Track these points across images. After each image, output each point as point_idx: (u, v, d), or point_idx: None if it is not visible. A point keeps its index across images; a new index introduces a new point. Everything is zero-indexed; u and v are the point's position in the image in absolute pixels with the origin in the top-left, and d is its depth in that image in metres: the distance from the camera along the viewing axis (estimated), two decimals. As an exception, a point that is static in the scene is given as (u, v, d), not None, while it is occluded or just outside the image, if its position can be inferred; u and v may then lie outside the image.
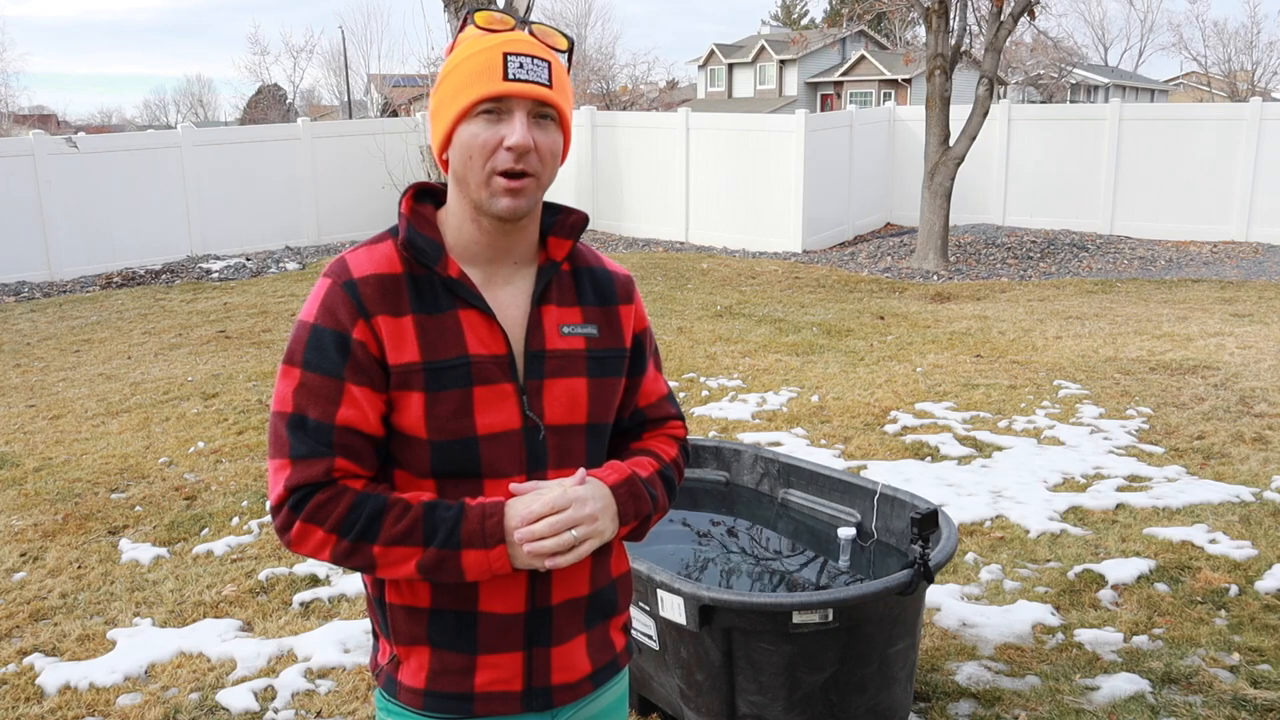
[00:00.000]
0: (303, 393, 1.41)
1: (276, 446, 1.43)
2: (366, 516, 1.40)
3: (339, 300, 1.42)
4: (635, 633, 3.10)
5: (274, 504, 1.43)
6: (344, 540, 1.40)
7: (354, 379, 1.41)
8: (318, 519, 1.40)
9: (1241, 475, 5.40)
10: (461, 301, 1.45)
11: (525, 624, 1.50)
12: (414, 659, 1.51)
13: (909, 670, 3.07)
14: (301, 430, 1.41)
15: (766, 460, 3.79)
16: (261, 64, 72.43)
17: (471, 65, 1.40)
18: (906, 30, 40.24)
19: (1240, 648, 3.68)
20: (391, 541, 1.40)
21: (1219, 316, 9.39)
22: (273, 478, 1.43)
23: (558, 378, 1.49)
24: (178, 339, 9.23)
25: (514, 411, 1.46)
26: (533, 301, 1.50)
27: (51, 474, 5.80)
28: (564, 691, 1.55)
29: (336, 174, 15.03)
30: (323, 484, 1.41)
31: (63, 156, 12.57)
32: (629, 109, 28.21)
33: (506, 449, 1.46)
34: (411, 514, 1.40)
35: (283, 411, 1.43)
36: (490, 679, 1.50)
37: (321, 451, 1.41)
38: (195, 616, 4.13)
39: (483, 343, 1.45)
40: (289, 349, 1.44)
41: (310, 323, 1.43)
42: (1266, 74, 42.54)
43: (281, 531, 1.43)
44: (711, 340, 8.72)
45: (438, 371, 1.42)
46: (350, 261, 1.45)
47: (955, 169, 12.32)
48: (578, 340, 1.52)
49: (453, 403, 1.42)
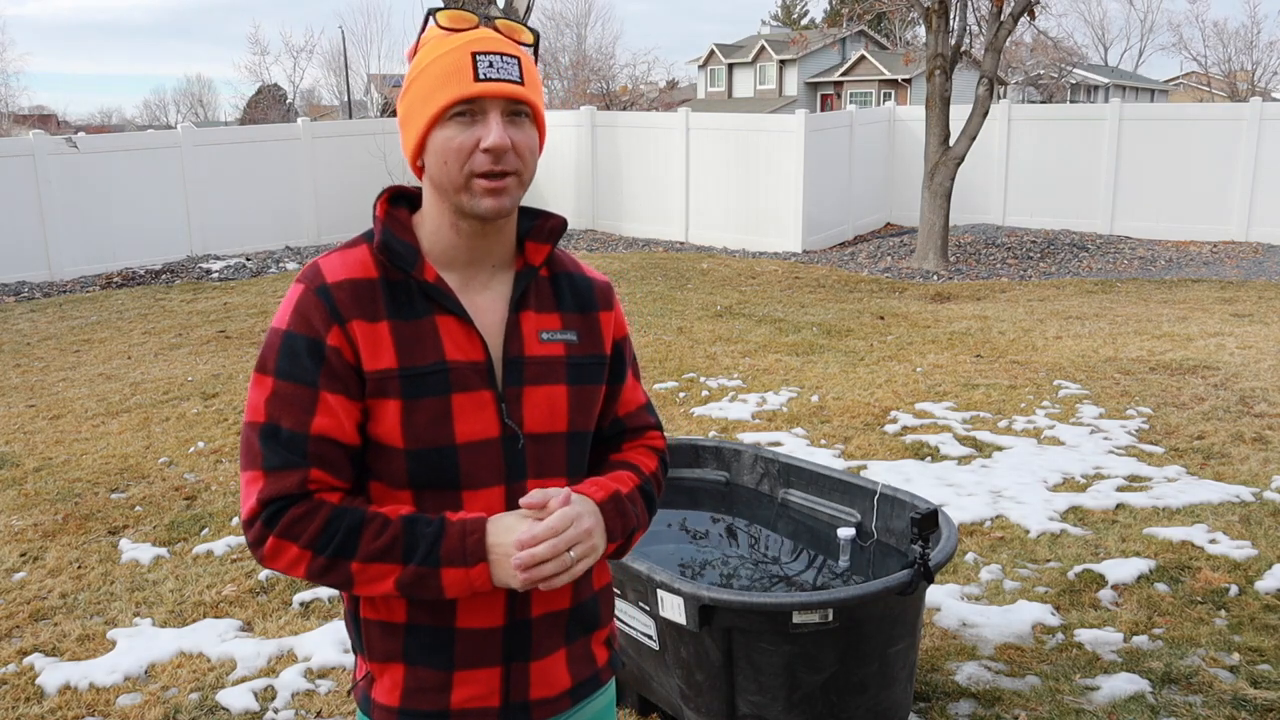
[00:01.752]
0: (275, 401, 1.37)
1: (249, 458, 1.37)
2: (344, 531, 1.35)
3: (312, 306, 1.38)
4: (635, 633, 3.10)
5: (246, 518, 1.37)
6: (320, 556, 1.35)
7: (329, 386, 1.37)
8: (292, 534, 1.35)
9: (1241, 475, 5.40)
10: (438, 307, 1.42)
11: (503, 638, 1.46)
12: (388, 676, 1.46)
13: (909, 670, 3.07)
14: (275, 440, 1.36)
15: (766, 460, 3.79)
16: (261, 64, 72.42)
17: (439, 67, 1.36)
18: (906, 30, 40.25)
19: (1240, 648, 3.68)
20: (370, 558, 1.35)
21: (1219, 316, 9.39)
22: (244, 490, 1.38)
23: (537, 385, 1.46)
24: (178, 339, 9.23)
25: (492, 419, 1.42)
26: (511, 307, 1.46)
27: (51, 474, 5.80)
28: (542, 707, 1.51)
29: (336, 174, 15.03)
30: (297, 497, 1.36)
31: (63, 156, 12.58)
32: (629, 109, 28.19)
33: (485, 458, 1.42)
34: (390, 529, 1.36)
35: (255, 421, 1.38)
36: (467, 695, 1.46)
37: (296, 462, 1.36)
38: (195, 616, 4.13)
39: (460, 349, 1.41)
40: (261, 357, 1.40)
41: (283, 329, 1.38)
42: (1266, 74, 42.55)
43: (255, 546, 1.37)
44: (711, 340, 8.72)
45: (415, 378, 1.38)
46: (324, 267, 1.41)
47: (955, 169, 12.32)
48: (557, 347, 1.49)
49: (430, 410, 1.39)
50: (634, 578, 2.94)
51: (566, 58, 36.05)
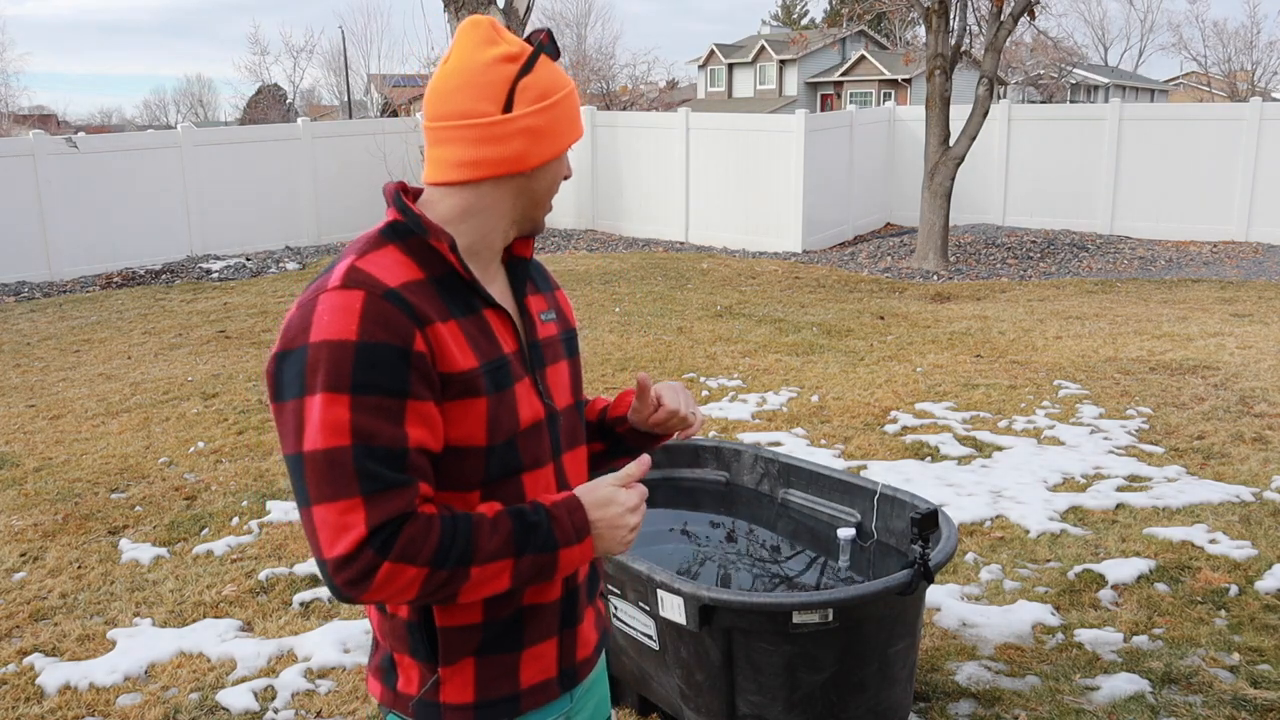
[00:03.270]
0: (363, 418, 1.28)
1: (336, 486, 1.27)
2: (462, 539, 1.32)
3: (388, 312, 1.32)
4: (635, 633, 3.10)
5: (346, 553, 1.26)
6: (440, 571, 1.30)
7: (419, 394, 1.33)
8: (408, 555, 1.28)
9: (1241, 475, 5.40)
10: (484, 302, 1.46)
11: (560, 609, 1.53)
12: (458, 676, 1.46)
13: (909, 670, 3.07)
14: (371, 460, 1.28)
15: (766, 460, 3.79)
16: (261, 64, 72.49)
17: (570, 105, 1.49)
18: (906, 30, 40.23)
19: (1240, 648, 3.68)
20: (489, 558, 1.33)
21: (1219, 316, 9.39)
22: (335, 523, 1.27)
23: (553, 364, 1.57)
24: (178, 339, 9.23)
25: (537, 402, 1.50)
26: (516, 296, 1.55)
27: (51, 474, 5.80)
28: (584, 666, 1.59)
29: (336, 174, 15.03)
30: (410, 515, 1.30)
31: (63, 156, 12.57)
32: (629, 109, 28.20)
33: (538, 440, 1.49)
34: (503, 526, 1.35)
35: (338, 445, 1.27)
36: (533, 671, 1.51)
37: (401, 481, 1.29)
38: (195, 616, 4.13)
39: (507, 340, 1.48)
40: (322, 375, 1.29)
41: (353, 340, 1.29)
42: (1266, 74, 42.57)
43: (358, 582, 1.27)
44: (711, 340, 8.72)
45: (493, 373, 1.42)
46: (374, 270, 1.36)
47: (955, 169, 12.32)
48: (552, 326, 1.60)
49: (507, 404, 1.44)
50: (634, 578, 2.94)
51: (566, 58, 36.04)
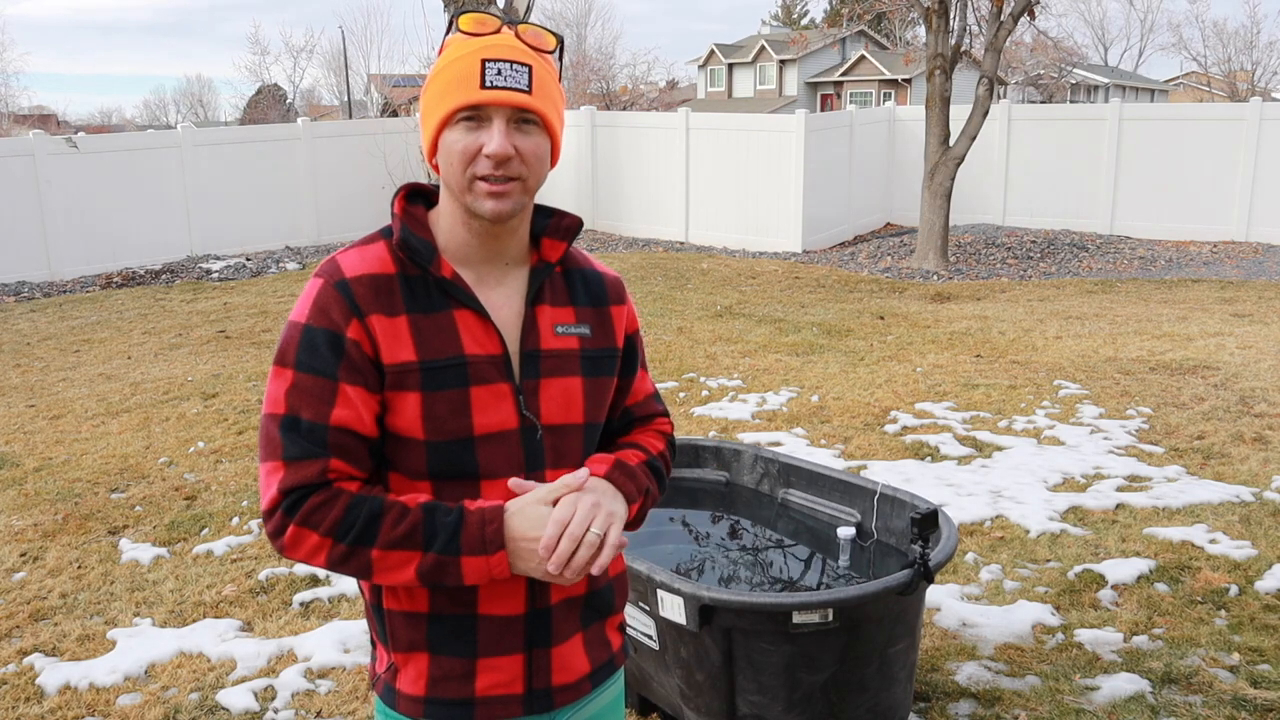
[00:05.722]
0: (295, 393, 1.40)
1: (269, 449, 1.41)
2: (364, 519, 1.38)
3: (332, 300, 1.41)
4: (635, 633, 3.10)
5: (267, 508, 1.40)
6: (340, 544, 1.38)
7: (348, 379, 1.40)
8: (312, 522, 1.38)
9: (1241, 475, 5.40)
10: (456, 302, 1.46)
11: (525, 625, 1.50)
12: (412, 666, 1.49)
13: (909, 670, 3.07)
14: (295, 431, 1.39)
15: (766, 460, 3.79)
16: (261, 64, 72.56)
17: (452, 72, 1.41)
18: (906, 30, 40.23)
19: (1240, 648, 3.68)
20: (390, 545, 1.38)
21: (1219, 316, 9.39)
22: (264, 481, 1.41)
23: (554, 377, 1.50)
24: (178, 339, 9.23)
25: (510, 411, 1.46)
26: (527, 302, 1.51)
27: (51, 474, 5.80)
28: (564, 692, 1.55)
29: (336, 174, 15.02)
30: (317, 485, 1.39)
31: (63, 156, 12.57)
32: (629, 109, 28.20)
33: (503, 449, 1.46)
34: (410, 517, 1.39)
35: (275, 413, 1.41)
36: (491, 682, 1.49)
37: (316, 452, 1.39)
38: (195, 616, 4.13)
39: (478, 343, 1.45)
40: (280, 350, 1.43)
41: (302, 323, 1.42)
42: (1266, 74, 42.54)
43: (274, 536, 1.40)
44: (711, 340, 8.72)
45: (434, 371, 1.42)
46: (342, 262, 1.44)
47: (955, 169, 12.32)
48: (572, 340, 1.53)
49: (450, 403, 1.42)
50: (634, 578, 2.94)
51: (566, 58, 36.04)
